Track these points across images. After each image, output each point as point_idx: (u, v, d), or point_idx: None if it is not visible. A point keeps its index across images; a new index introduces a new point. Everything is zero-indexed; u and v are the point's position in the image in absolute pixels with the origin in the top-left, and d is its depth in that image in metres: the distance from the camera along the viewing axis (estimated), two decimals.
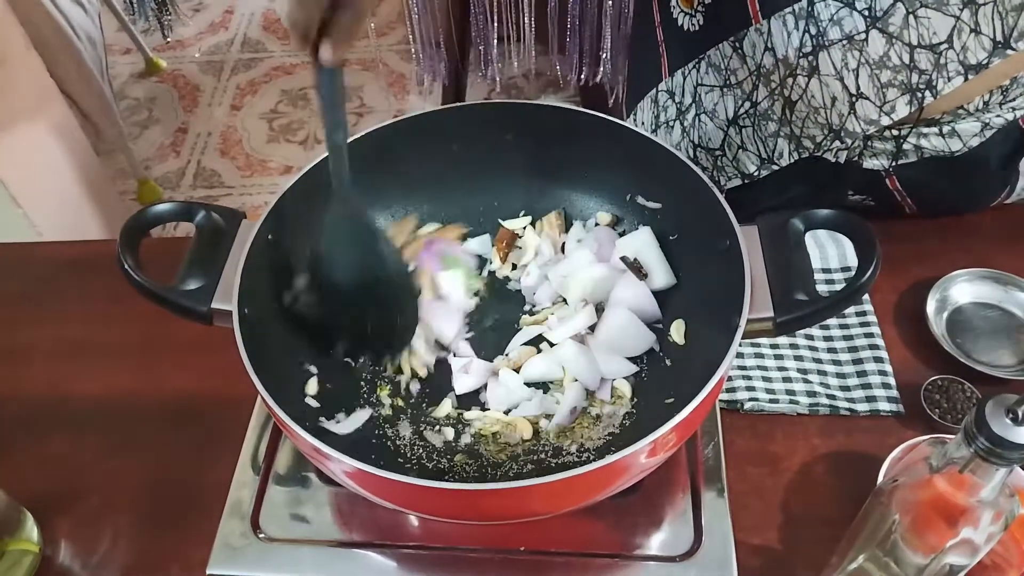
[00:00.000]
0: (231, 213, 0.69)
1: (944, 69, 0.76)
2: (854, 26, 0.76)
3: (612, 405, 0.72)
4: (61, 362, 0.89)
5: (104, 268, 0.78)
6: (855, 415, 0.79)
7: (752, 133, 0.93)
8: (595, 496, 0.60)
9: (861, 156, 0.89)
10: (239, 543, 0.69)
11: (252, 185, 2.49)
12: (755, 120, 0.91)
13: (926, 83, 0.78)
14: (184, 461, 0.80)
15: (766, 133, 0.92)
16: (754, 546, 0.71)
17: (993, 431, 0.46)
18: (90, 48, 2.07)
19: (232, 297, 0.63)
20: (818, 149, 0.89)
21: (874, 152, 0.89)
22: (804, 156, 0.91)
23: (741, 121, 0.92)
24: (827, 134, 0.87)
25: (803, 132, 0.88)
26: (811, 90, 0.83)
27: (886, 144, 0.87)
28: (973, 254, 0.90)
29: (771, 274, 0.63)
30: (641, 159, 0.76)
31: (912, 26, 0.75)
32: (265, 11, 3.15)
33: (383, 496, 0.60)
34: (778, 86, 0.86)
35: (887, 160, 0.89)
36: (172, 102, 2.80)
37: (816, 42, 0.79)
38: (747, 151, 0.94)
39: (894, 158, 0.89)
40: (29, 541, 0.73)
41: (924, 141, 0.86)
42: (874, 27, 0.76)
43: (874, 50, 0.77)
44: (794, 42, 0.80)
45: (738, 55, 0.87)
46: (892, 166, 0.90)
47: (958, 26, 0.74)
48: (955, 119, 0.84)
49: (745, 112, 0.91)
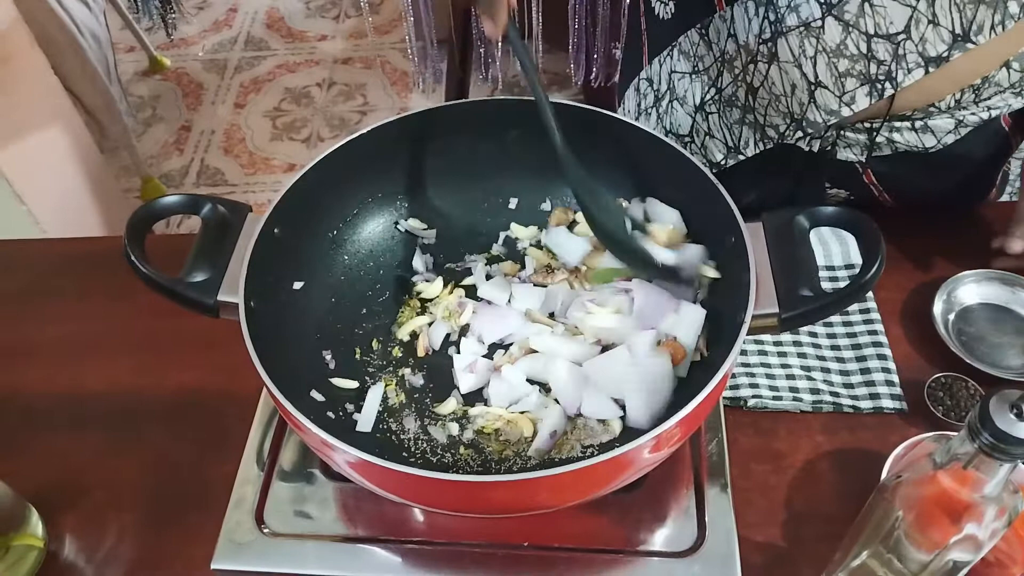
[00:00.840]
0: (237, 206, 0.70)
1: (903, 60, 0.76)
2: (810, 13, 0.77)
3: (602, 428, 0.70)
4: (65, 358, 0.89)
5: (107, 265, 0.78)
6: (859, 412, 0.79)
7: (718, 120, 0.94)
8: (599, 490, 0.60)
9: (835, 146, 0.90)
10: (243, 538, 0.69)
11: (255, 183, 2.49)
12: (720, 106, 0.92)
13: (885, 74, 0.78)
14: (188, 457, 0.80)
15: (731, 120, 0.92)
16: (757, 542, 0.71)
17: (997, 427, 0.46)
18: (95, 46, 2.08)
19: (239, 289, 0.63)
20: (782, 139, 0.90)
21: (848, 143, 0.89)
22: (769, 147, 0.91)
23: (707, 107, 0.93)
24: (789, 123, 0.88)
25: (766, 120, 0.89)
26: (771, 77, 0.84)
27: (859, 135, 0.88)
28: (979, 254, 0.90)
29: (776, 270, 0.63)
30: (647, 156, 0.76)
31: (868, 15, 0.75)
32: (268, 9, 3.16)
33: (389, 489, 0.60)
34: (741, 72, 0.87)
35: (860, 152, 0.90)
36: (176, 100, 2.81)
37: (774, 28, 0.80)
38: (713, 138, 0.95)
39: (868, 150, 0.89)
40: (34, 536, 0.73)
41: (897, 135, 0.86)
42: (830, 14, 0.76)
43: (831, 38, 0.77)
44: (754, 28, 0.81)
45: (704, 41, 0.89)
46: (866, 158, 0.90)
47: (915, 16, 0.74)
48: (927, 116, 0.84)
49: (711, 98, 0.92)
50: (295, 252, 0.74)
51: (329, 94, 2.78)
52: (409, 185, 0.84)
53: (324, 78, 2.84)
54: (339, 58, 2.92)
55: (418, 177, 0.83)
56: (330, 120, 2.68)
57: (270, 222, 0.69)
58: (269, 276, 0.69)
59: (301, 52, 2.96)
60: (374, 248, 0.83)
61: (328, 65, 2.89)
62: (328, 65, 2.89)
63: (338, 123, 2.66)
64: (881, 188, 0.94)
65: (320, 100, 2.76)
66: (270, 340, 0.63)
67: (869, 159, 0.91)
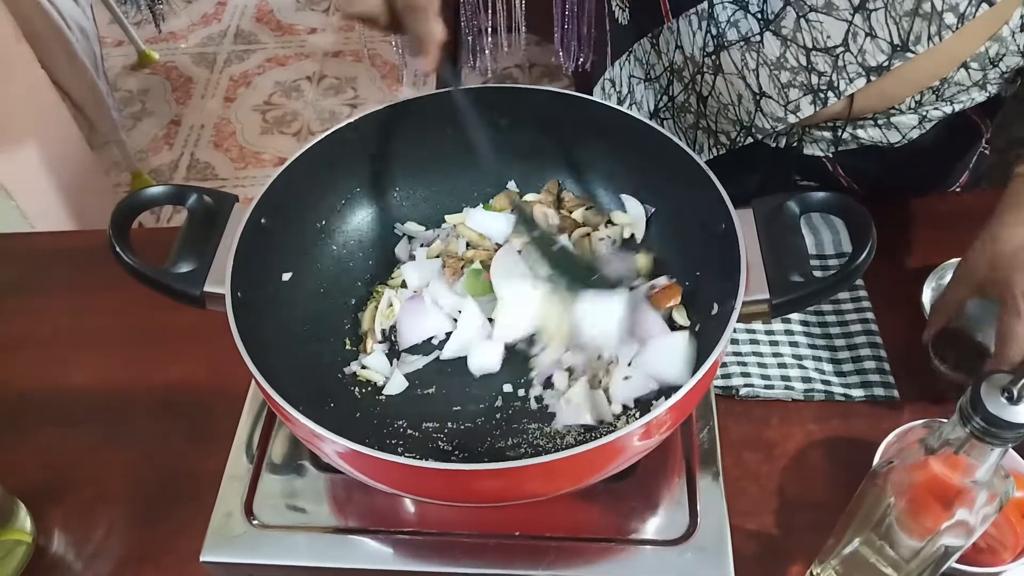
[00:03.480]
0: (223, 196, 0.69)
1: (844, 71, 0.77)
2: (749, 28, 0.78)
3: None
4: (53, 353, 0.89)
5: (96, 259, 0.77)
6: (850, 400, 0.79)
7: (673, 125, 0.95)
8: (590, 478, 0.60)
9: (801, 143, 0.90)
10: (233, 530, 0.69)
11: (245, 177, 2.48)
12: (674, 113, 0.93)
13: (827, 84, 0.78)
14: (177, 451, 0.80)
15: (685, 125, 0.94)
16: (750, 531, 0.71)
17: (989, 411, 0.46)
18: (83, 40, 2.06)
19: (225, 280, 0.63)
20: (734, 145, 0.91)
21: (813, 139, 0.90)
22: (722, 153, 0.92)
23: (661, 114, 0.95)
24: (739, 130, 0.89)
25: (718, 127, 0.90)
26: (718, 87, 0.85)
27: (824, 132, 0.88)
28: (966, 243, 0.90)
29: (766, 256, 0.63)
30: (636, 144, 0.76)
31: (805, 29, 0.76)
32: (258, 3, 3.14)
33: (378, 478, 0.60)
34: (690, 82, 0.88)
35: (827, 147, 0.90)
36: (165, 94, 2.79)
37: (717, 42, 0.81)
38: None
39: (833, 145, 0.90)
40: (22, 531, 0.72)
41: (861, 132, 0.87)
42: (768, 30, 0.77)
43: (770, 51, 0.78)
44: (698, 41, 0.82)
45: (655, 51, 0.90)
46: (833, 152, 0.91)
47: (852, 30, 0.74)
48: (889, 115, 0.84)
49: (664, 105, 0.94)
50: (283, 243, 0.74)
51: (319, 88, 2.77)
52: (397, 174, 0.83)
53: (314, 71, 2.83)
54: (329, 51, 2.91)
55: (406, 166, 0.83)
56: (320, 114, 2.67)
57: (257, 212, 0.69)
58: (256, 267, 0.69)
59: (291, 46, 2.94)
60: (363, 238, 0.82)
61: (318, 58, 2.88)
62: (318, 58, 2.88)
63: (328, 116, 2.65)
64: (849, 179, 0.94)
65: (310, 94, 2.75)
66: (258, 331, 0.63)
67: (836, 153, 0.91)
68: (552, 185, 0.83)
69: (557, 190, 0.83)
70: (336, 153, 0.76)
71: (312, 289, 0.77)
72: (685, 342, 0.69)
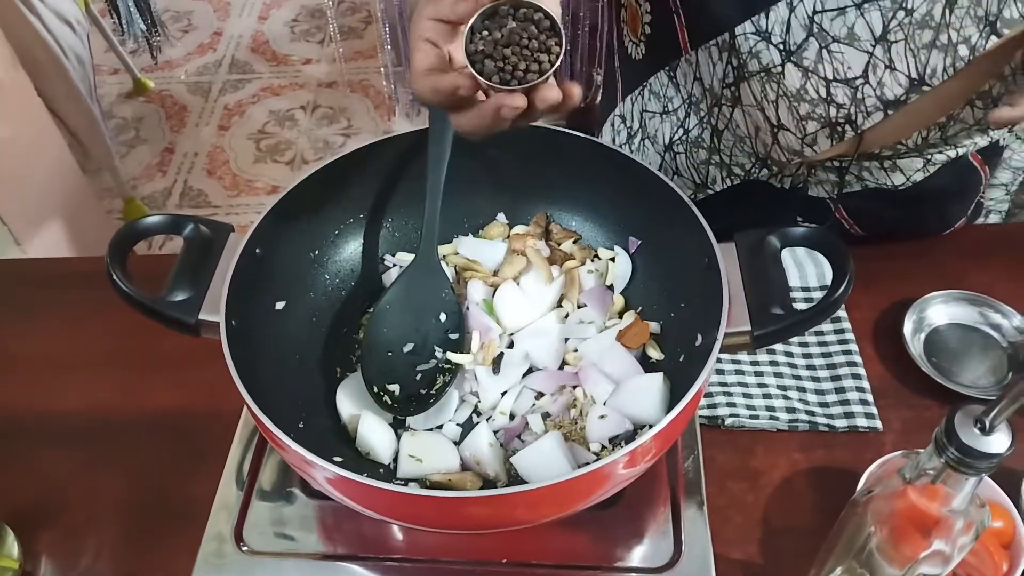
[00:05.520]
0: (219, 226, 0.70)
1: (862, 104, 0.78)
2: (771, 59, 0.78)
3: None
4: (43, 377, 0.89)
5: (88, 285, 0.78)
6: (834, 431, 0.81)
7: (685, 159, 0.95)
8: (575, 506, 0.61)
9: (806, 184, 0.92)
10: (222, 556, 0.69)
11: (239, 204, 2.49)
12: (687, 147, 0.94)
13: (845, 117, 0.79)
14: (167, 476, 0.80)
15: (698, 160, 0.94)
16: (734, 559, 0.72)
17: (963, 441, 0.47)
18: (78, 68, 2.08)
19: (220, 309, 0.64)
20: (748, 176, 0.92)
21: (818, 180, 0.91)
22: (737, 183, 0.93)
23: (675, 147, 0.95)
24: (755, 162, 0.89)
25: (732, 160, 0.91)
26: (735, 120, 0.86)
27: (829, 175, 0.90)
28: (949, 274, 0.92)
29: (748, 289, 0.64)
30: (620, 177, 0.77)
31: (827, 60, 0.76)
32: (254, 33, 3.18)
33: (367, 505, 0.60)
34: (706, 114, 0.89)
35: (832, 189, 0.91)
36: (159, 122, 2.81)
37: (737, 73, 0.81)
38: (681, 176, 0.97)
39: (838, 188, 0.91)
40: (9, 557, 0.72)
41: (866, 174, 0.88)
42: (789, 60, 0.78)
43: (791, 83, 0.79)
44: (718, 73, 0.83)
45: (672, 83, 0.90)
46: (837, 194, 0.92)
47: (872, 62, 0.76)
48: (896, 155, 0.86)
49: (679, 139, 0.94)
50: (277, 272, 0.75)
51: (313, 117, 2.79)
52: (389, 206, 0.85)
53: (308, 101, 2.86)
54: (323, 81, 2.94)
55: (398, 198, 0.84)
56: (314, 143, 2.69)
57: (252, 242, 0.70)
58: (251, 296, 0.70)
59: (285, 75, 2.97)
60: (354, 268, 0.83)
61: (312, 88, 2.91)
62: (312, 88, 2.91)
63: (322, 146, 2.67)
64: (852, 222, 0.96)
65: (304, 123, 2.77)
66: (251, 359, 0.64)
67: (839, 195, 0.92)
68: (540, 218, 0.85)
69: (545, 222, 0.85)
70: (330, 185, 0.77)
71: (304, 317, 0.78)
72: (659, 383, 0.71)
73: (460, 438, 0.72)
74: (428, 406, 0.71)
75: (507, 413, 0.73)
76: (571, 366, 0.76)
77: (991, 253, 0.96)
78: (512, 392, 0.74)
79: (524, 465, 0.68)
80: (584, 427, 0.71)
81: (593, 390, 0.73)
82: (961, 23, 0.71)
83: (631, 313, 0.78)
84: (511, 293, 0.79)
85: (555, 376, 0.75)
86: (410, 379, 0.73)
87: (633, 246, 0.82)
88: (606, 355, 0.74)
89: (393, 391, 0.72)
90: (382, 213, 0.85)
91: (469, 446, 0.70)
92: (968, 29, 0.71)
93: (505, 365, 0.75)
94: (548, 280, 0.79)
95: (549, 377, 0.75)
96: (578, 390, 0.74)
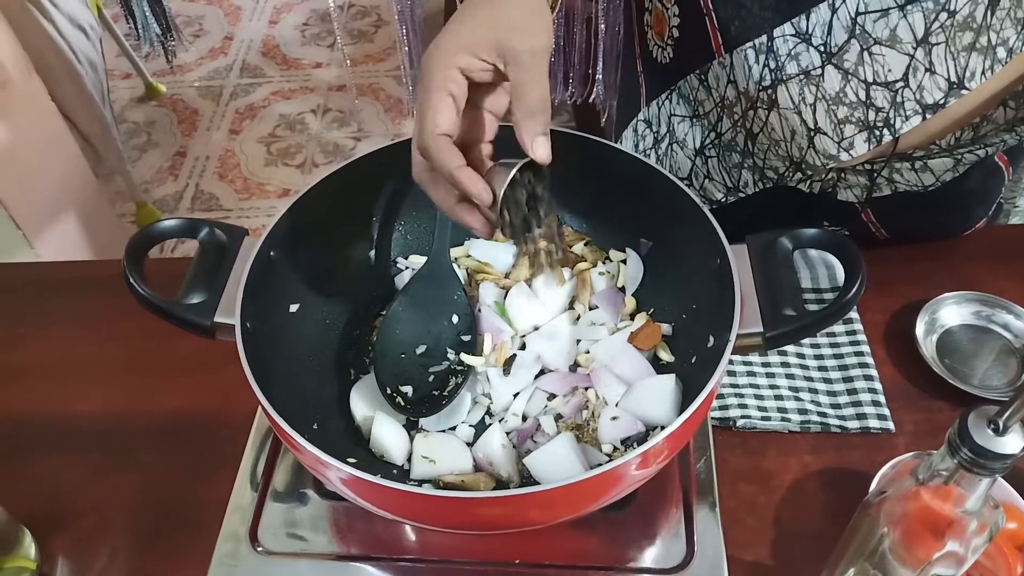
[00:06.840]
0: (234, 230, 0.71)
1: (902, 108, 0.78)
2: (810, 61, 0.78)
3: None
4: (58, 381, 0.90)
5: (101, 288, 0.79)
6: (846, 432, 0.80)
7: (717, 163, 0.95)
8: (588, 507, 0.61)
9: (835, 188, 0.91)
10: (237, 557, 0.70)
11: (250, 208, 2.51)
12: (720, 151, 0.93)
13: (884, 121, 0.79)
14: (181, 479, 0.80)
15: (730, 164, 0.94)
16: (746, 562, 0.72)
17: (976, 442, 0.47)
18: (91, 73, 2.10)
19: (235, 311, 0.64)
20: (781, 180, 0.91)
21: (848, 185, 0.90)
22: (769, 186, 0.93)
23: (707, 151, 0.94)
24: (788, 166, 0.89)
25: (766, 163, 0.90)
26: (771, 123, 0.85)
27: (859, 178, 0.89)
28: (961, 276, 0.92)
29: (760, 290, 0.64)
30: (630, 179, 0.77)
31: (867, 63, 0.76)
32: (264, 37, 3.19)
33: (381, 505, 0.61)
34: (740, 118, 0.88)
35: (861, 193, 0.91)
36: (171, 126, 2.83)
37: (775, 76, 0.81)
38: (713, 180, 0.96)
39: (868, 191, 0.91)
40: (27, 558, 0.73)
41: (897, 176, 0.88)
42: (830, 63, 0.77)
43: (830, 86, 0.78)
44: (754, 75, 0.82)
45: (704, 87, 0.90)
46: (866, 198, 0.91)
47: (913, 64, 0.75)
48: (928, 155, 0.85)
49: (711, 143, 0.93)
50: (291, 275, 0.76)
51: (324, 120, 2.81)
52: (402, 208, 0.85)
53: (319, 104, 2.87)
54: (334, 85, 2.95)
55: (412, 201, 0.85)
56: (324, 146, 2.70)
57: (266, 245, 0.70)
58: (265, 298, 0.70)
59: (296, 79, 2.99)
60: (368, 270, 0.84)
61: (323, 92, 2.92)
62: (323, 92, 2.92)
63: (332, 149, 2.68)
64: (879, 224, 0.95)
65: (315, 126, 2.78)
66: (265, 361, 0.64)
67: (868, 199, 0.92)
68: (552, 220, 0.85)
69: (557, 224, 0.85)
70: (344, 188, 0.78)
71: (318, 320, 0.79)
72: (671, 384, 0.71)
73: (473, 439, 0.73)
74: (441, 408, 0.71)
75: (519, 415, 0.74)
76: (583, 368, 0.77)
77: (1004, 255, 0.96)
78: (524, 394, 0.75)
79: (536, 466, 0.68)
80: (596, 429, 0.72)
81: (605, 392, 0.73)
82: (1001, 25, 0.71)
83: (643, 315, 0.79)
84: (523, 295, 0.79)
85: (567, 378, 0.76)
86: (423, 381, 0.73)
87: (644, 248, 0.82)
88: (618, 357, 0.74)
89: (406, 393, 0.72)
90: (395, 216, 0.85)
91: (482, 447, 0.70)
92: (1007, 31, 0.71)
93: (517, 367, 0.75)
94: (560, 282, 0.80)
95: (561, 379, 0.76)
96: (590, 392, 0.74)
